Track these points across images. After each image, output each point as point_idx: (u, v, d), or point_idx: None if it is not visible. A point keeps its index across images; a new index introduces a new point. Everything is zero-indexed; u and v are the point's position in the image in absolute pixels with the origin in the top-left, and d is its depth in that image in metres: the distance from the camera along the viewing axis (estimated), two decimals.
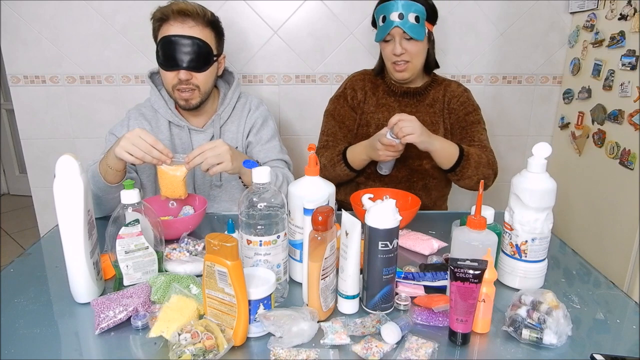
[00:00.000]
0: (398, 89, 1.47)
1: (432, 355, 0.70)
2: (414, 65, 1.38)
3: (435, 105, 1.47)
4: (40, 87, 1.87)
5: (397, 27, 1.30)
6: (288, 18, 1.86)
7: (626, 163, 1.58)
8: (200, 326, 0.72)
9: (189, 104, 1.27)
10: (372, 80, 1.52)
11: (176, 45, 1.19)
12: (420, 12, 1.32)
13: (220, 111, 1.34)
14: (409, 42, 1.34)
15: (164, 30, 1.22)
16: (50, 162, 1.95)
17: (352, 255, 0.78)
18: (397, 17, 1.30)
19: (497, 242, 0.86)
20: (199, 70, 1.23)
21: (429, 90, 1.48)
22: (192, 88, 1.24)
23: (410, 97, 1.47)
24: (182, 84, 1.23)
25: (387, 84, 1.49)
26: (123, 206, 0.84)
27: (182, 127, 1.32)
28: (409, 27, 1.30)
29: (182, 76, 1.21)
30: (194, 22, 1.21)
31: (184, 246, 1.02)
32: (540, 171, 0.85)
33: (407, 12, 1.29)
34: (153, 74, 1.38)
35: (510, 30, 1.92)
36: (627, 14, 1.57)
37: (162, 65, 1.23)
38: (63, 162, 0.78)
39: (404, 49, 1.34)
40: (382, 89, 1.50)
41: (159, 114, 1.33)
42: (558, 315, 0.73)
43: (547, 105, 2.05)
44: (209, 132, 1.34)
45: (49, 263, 1.01)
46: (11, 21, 1.78)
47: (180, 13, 1.19)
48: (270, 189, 0.82)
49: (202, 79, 1.25)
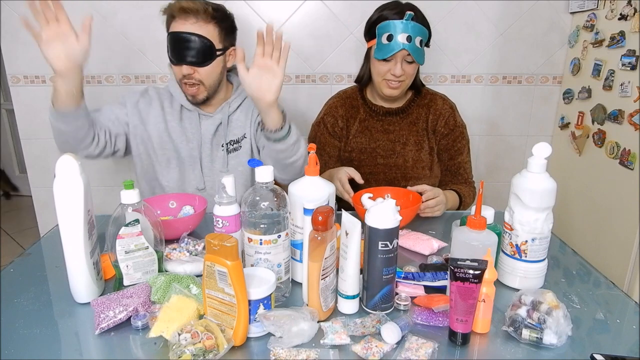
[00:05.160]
0: (380, 109, 1.44)
1: (432, 355, 0.70)
2: (406, 84, 1.36)
3: (418, 123, 1.45)
4: (40, 87, 1.87)
5: (404, 49, 1.27)
6: (288, 18, 1.86)
7: (626, 163, 1.58)
8: (200, 326, 0.72)
9: (195, 99, 1.32)
10: (351, 103, 1.48)
11: (180, 42, 1.24)
12: (425, 36, 1.31)
13: (231, 100, 1.38)
14: (409, 64, 1.32)
15: (172, 26, 1.27)
16: (50, 162, 1.95)
17: (352, 255, 0.78)
18: (406, 39, 1.26)
19: (497, 242, 0.86)
20: (200, 65, 1.27)
21: (412, 108, 1.45)
22: (196, 83, 1.29)
23: (393, 116, 1.45)
24: (186, 78, 1.28)
25: (368, 104, 1.45)
26: (123, 206, 0.84)
27: (192, 111, 1.37)
28: (415, 50, 1.28)
29: (184, 71, 1.26)
30: (195, 18, 1.24)
31: (184, 246, 1.02)
32: (540, 171, 0.85)
33: (414, 35, 1.27)
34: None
35: (510, 30, 1.92)
36: (627, 14, 1.57)
37: (170, 59, 1.29)
38: (63, 162, 0.78)
39: (403, 71, 1.31)
40: (363, 111, 1.46)
41: (174, 97, 1.38)
42: (558, 315, 0.73)
43: (547, 105, 2.05)
44: (217, 117, 1.37)
45: (49, 263, 1.01)
46: (11, 21, 1.78)
47: (182, 10, 1.24)
48: (274, 188, 0.82)
49: (204, 74, 1.28)
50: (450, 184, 1.46)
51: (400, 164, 1.44)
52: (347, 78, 1.94)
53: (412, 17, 1.26)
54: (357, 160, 1.46)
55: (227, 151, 1.39)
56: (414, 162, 1.44)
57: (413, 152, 1.44)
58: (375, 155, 1.45)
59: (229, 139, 1.39)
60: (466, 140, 1.47)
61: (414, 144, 1.44)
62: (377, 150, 1.45)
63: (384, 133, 1.44)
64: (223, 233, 0.85)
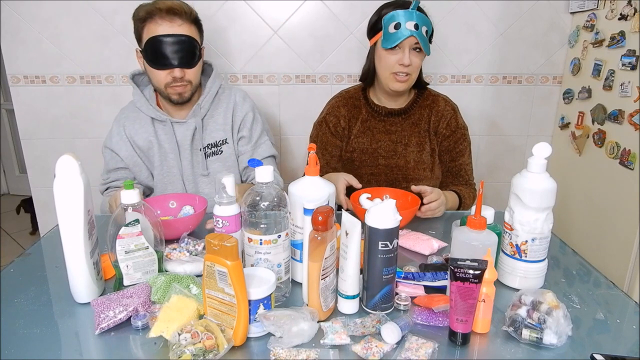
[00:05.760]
0: (382, 110, 1.44)
1: (432, 355, 0.70)
2: (412, 78, 1.37)
3: (420, 124, 1.44)
4: (40, 87, 1.87)
5: (412, 36, 1.27)
6: (288, 18, 1.86)
7: (626, 163, 1.58)
8: (200, 326, 0.72)
9: (182, 97, 1.31)
10: (354, 103, 1.47)
11: (167, 45, 1.22)
12: (429, 27, 1.32)
13: (201, 101, 1.36)
14: (416, 54, 1.32)
15: (150, 30, 1.23)
16: (50, 162, 1.95)
17: (352, 255, 0.78)
18: (413, 26, 1.27)
19: (497, 242, 0.86)
20: (190, 66, 1.27)
21: (414, 108, 1.45)
22: (185, 84, 1.28)
23: (395, 116, 1.44)
24: (176, 81, 1.26)
25: (370, 104, 1.45)
26: (123, 206, 0.84)
27: (165, 121, 1.35)
28: (422, 38, 1.29)
29: (176, 74, 1.25)
30: (181, 20, 1.24)
31: (184, 246, 1.02)
32: (540, 171, 0.85)
33: (421, 24, 1.28)
34: (135, 75, 1.41)
35: (510, 30, 1.92)
36: (627, 14, 1.57)
37: (153, 64, 1.25)
38: (63, 162, 0.78)
39: (411, 61, 1.31)
40: (365, 111, 1.46)
41: (142, 112, 1.36)
42: (558, 315, 0.73)
43: (547, 105, 2.05)
44: (191, 123, 1.36)
45: (49, 263, 1.01)
46: (11, 21, 1.78)
47: (169, 12, 1.22)
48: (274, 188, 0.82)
49: (193, 74, 1.29)
50: (451, 185, 1.46)
51: (401, 165, 1.44)
52: (347, 78, 1.94)
53: (418, 6, 1.29)
54: (358, 160, 1.46)
55: (205, 155, 1.38)
56: (415, 163, 1.44)
57: (415, 153, 1.44)
58: (377, 156, 1.45)
59: (206, 143, 1.38)
60: (468, 142, 1.47)
61: (415, 145, 1.44)
62: (379, 150, 1.44)
63: (386, 134, 1.44)
64: (223, 233, 0.85)
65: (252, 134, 1.43)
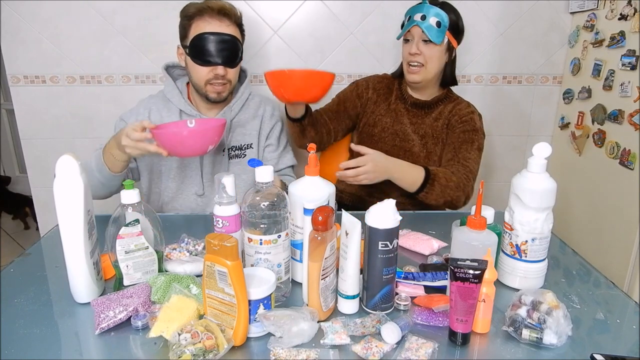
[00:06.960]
0: (409, 98, 1.51)
1: (432, 355, 0.70)
2: (427, 70, 1.39)
3: (440, 120, 1.49)
4: (40, 87, 1.87)
5: (416, 26, 1.34)
6: (288, 18, 1.86)
7: (626, 163, 1.58)
8: (200, 326, 0.72)
9: (220, 96, 1.33)
10: (388, 85, 1.56)
11: (214, 43, 1.25)
12: (442, 18, 1.34)
13: (232, 104, 1.39)
14: (426, 45, 1.37)
15: (199, 27, 1.26)
16: (50, 162, 1.95)
17: (352, 255, 0.78)
18: (420, 17, 1.34)
19: (497, 242, 0.86)
20: (233, 66, 1.30)
21: (438, 105, 1.50)
22: (225, 82, 1.31)
23: (419, 108, 1.50)
24: (217, 79, 1.29)
25: (402, 90, 1.53)
26: (123, 206, 0.84)
27: (194, 115, 1.37)
28: (427, 27, 1.33)
29: (219, 72, 1.28)
30: (229, 21, 1.28)
31: (184, 246, 1.02)
32: (540, 171, 0.85)
33: (429, 14, 1.34)
34: (169, 67, 1.43)
35: (510, 30, 1.92)
36: (627, 14, 1.57)
37: (197, 60, 1.27)
38: (63, 162, 0.78)
39: (420, 51, 1.37)
40: (395, 95, 1.54)
41: (172, 103, 1.37)
42: (558, 315, 0.73)
43: (547, 105, 2.05)
44: None
45: (49, 263, 1.01)
46: (11, 21, 1.78)
47: (220, 12, 1.26)
48: (273, 188, 0.82)
49: (233, 74, 1.33)
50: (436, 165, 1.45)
51: (415, 152, 1.49)
52: (347, 78, 1.94)
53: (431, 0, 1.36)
54: (377, 136, 1.52)
55: (229, 157, 1.39)
56: (427, 153, 1.49)
57: (429, 144, 1.49)
58: (395, 137, 1.51)
59: (231, 144, 1.39)
60: (477, 138, 1.44)
61: (431, 137, 1.48)
62: (398, 132, 1.51)
63: (408, 120, 1.51)
64: (223, 233, 0.85)
65: (280, 143, 1.49)
